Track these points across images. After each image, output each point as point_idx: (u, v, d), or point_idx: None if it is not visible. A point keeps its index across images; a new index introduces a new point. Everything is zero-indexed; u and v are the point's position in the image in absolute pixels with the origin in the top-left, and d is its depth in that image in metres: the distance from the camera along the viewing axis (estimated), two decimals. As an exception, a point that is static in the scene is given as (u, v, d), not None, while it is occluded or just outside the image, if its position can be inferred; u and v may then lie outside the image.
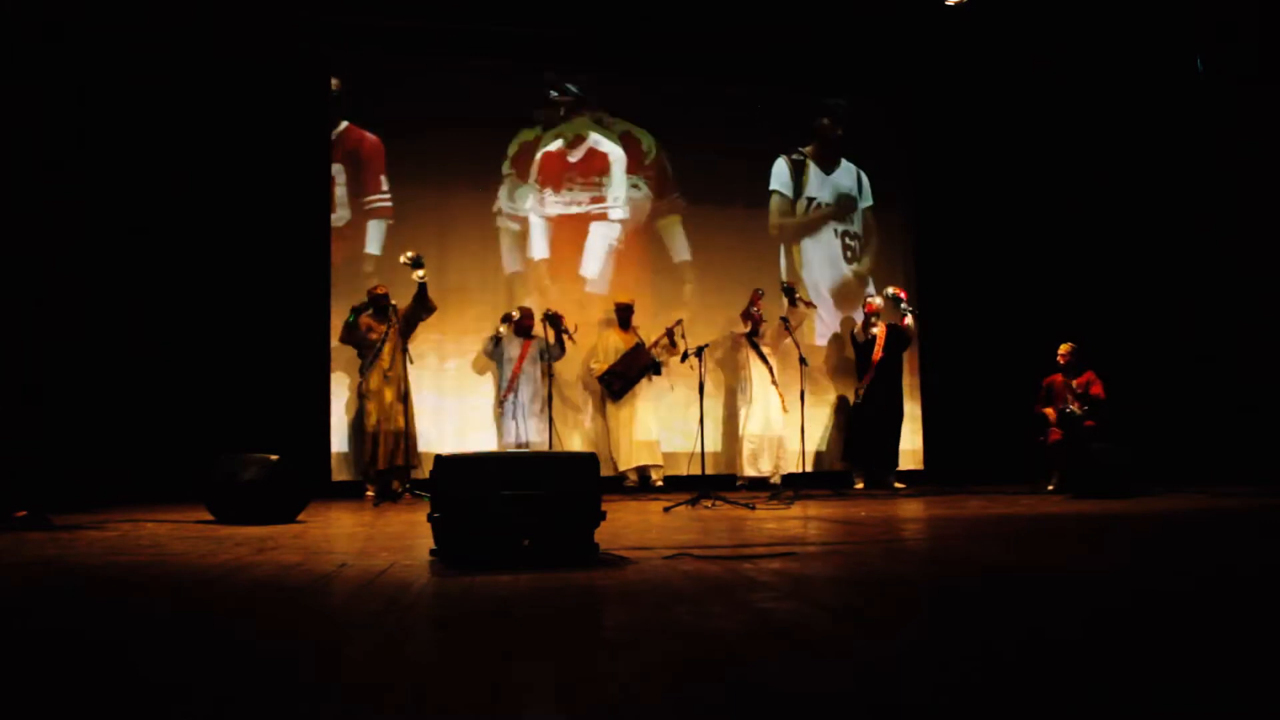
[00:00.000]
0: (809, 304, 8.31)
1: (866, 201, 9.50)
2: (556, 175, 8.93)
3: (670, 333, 8.27)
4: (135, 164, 7.73)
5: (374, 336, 7.61)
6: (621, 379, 8.30)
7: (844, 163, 9.51)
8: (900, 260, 9.57)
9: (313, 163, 8.32)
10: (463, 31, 8.45)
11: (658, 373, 8.40)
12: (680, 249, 9.10)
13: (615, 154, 9.06)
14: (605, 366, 8.34)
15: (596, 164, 9.04)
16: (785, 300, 8.31)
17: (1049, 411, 7.75)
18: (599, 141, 9.07)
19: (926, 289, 9.45)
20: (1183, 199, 8.52)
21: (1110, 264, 8.92)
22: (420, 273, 7.47)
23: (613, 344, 8.43)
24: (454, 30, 8.43)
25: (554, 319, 7.93)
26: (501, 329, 8.09)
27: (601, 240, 8.98)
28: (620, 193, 9.02)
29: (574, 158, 9.00)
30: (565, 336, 7.99)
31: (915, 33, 8.61)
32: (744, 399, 8.56)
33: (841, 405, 9.05)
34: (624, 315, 8.45)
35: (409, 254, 7.47)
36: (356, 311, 7.56)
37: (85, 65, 7.30)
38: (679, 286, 8.99)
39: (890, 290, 8.51)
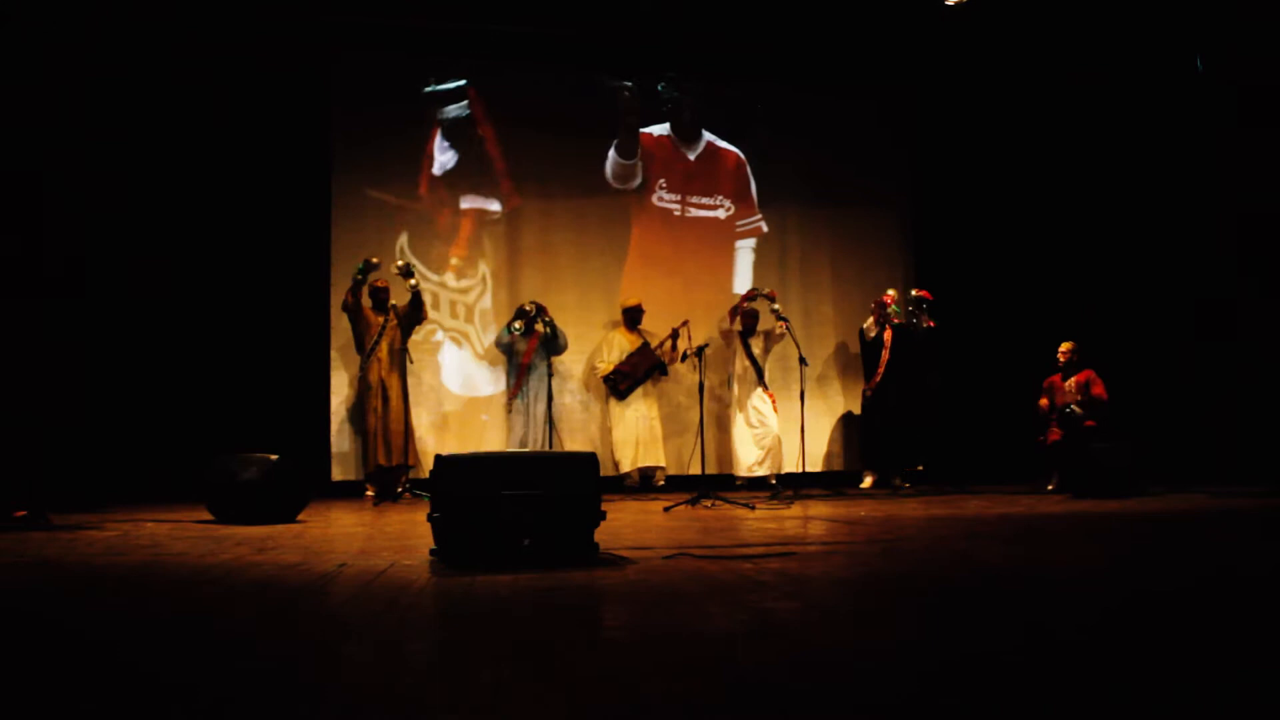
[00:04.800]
0: (782, 319, 8.13)
1: None
2: (673, 170, 9.02)
3: (675, 334, 8.26)
4: (134, 164, 7.72)
5: (372, 329, 7.59)
6: (629, 378, 8.30)
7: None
8: (900, 260, 9.57)
9: (313, 162, 8.30)
10: (463, 31, 8.44)
11: (664, 373, 8.40)
12: (676, 249, 9.11)
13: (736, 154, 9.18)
14: (611, 366, 8.33)
15: (718, 163, 9.13)
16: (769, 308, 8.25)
17: (1043, 402, 7.76)
18: (715, 140, 9.19)
19: (926, 289, 9.43)
20: (1183, 198, 8.52)
21: (1111, 263, 8.91)
22: (412, 281, 7.48)
23: (619, 345, 8.42)
24: (454, 30, 8.42)
25: (540, 310, 7.95)
26: (516, 324, 8.05)
27: (744, 248, 9.13)
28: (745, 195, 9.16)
29: (692, 155, 9.06)
30: (546, 322, 7.95)
31: (915, 32, 8.60)
32: (732, 398, 8.54)
33: (830, 404, 9.04)
34: (632, 317, 8.44)
35: (398, 263, 7.50)
36: (363, 269, 7.46)
37: (85, 65, 7.30)
38: (680, 289, 8.96)
39: (913, 292, 8.47)
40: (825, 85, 9.41)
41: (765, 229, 9.20)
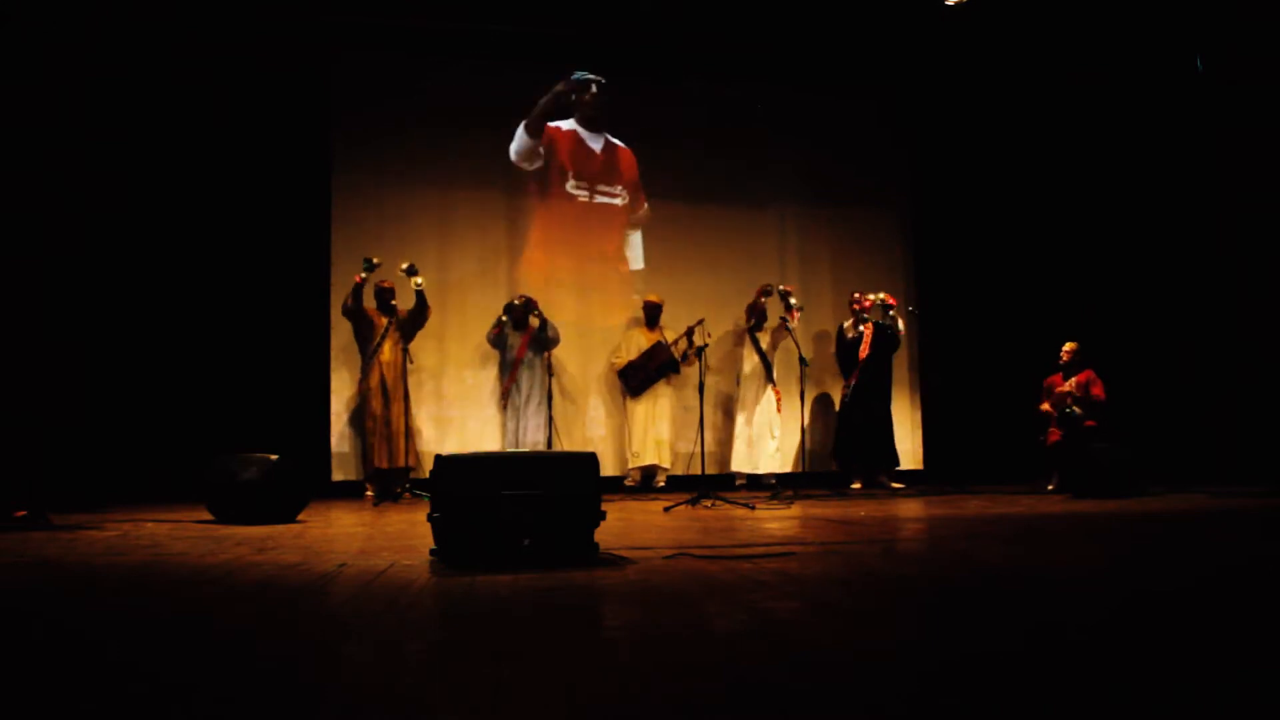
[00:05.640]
0: (791, 309, 8.19)
1: None
2: (579, 160, 9.00)
3: (691, 332, 8.26)
4: (134, 164, 7.73)
5: (375, 331, 7.59)
6: (639, 375, 8.31)
7: None
8: (900, 260, 9.57)
9: (312, 162, 8.31)
10: (463, 31, 8.44)
11: (676, 371, 8.40)
12: (677, 250, 9.10)
13: (630, 153, 9.17)
14: (624, 362, 8.36)
15: (619, 158, 9.11)
16: (781, 304, 8.26)
17: (1047, 407, 7.76)
18: (615, 137, 9.17)
19: (926, 289, 9.44)
20: (1183, 199, 8.52)
21: (1111, 264, 8.92)
22: (417, 279, 7.48)
23: (637, 341, 8.44)
24: (454, 30, 8.43)
25: (529, 303, 7.95)
26: (504, 318, 8.08)
27: (635, 237, 9.14)
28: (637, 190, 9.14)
29: (595, 146, 9.05)
30: (537, 315, 7.93)
31: (915, 32, 8.60)
32: (738, 394, 8.55)
33: (829, 403, 9.04)
34: (652, 314, 8.46)
35: (404, 264, 7.49)
36: (369, 266, 7.42)
37: (85, 65, 7.30)
38: (690, 286, 8.95)
39: (880, 296, 8.46)
40: (825, 85, 9.41)
41: (651, 216, 9.19)
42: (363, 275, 7.45)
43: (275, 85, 8.17)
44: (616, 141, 9.16)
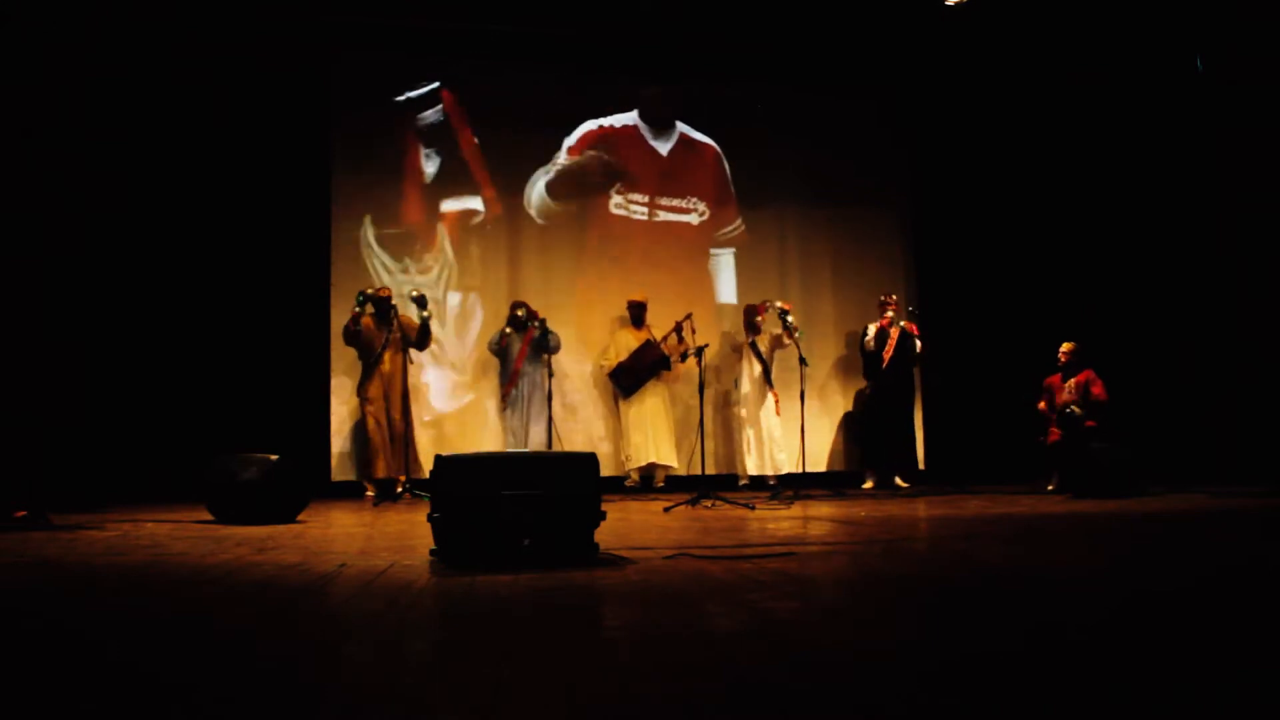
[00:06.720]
0: (791, 329, 8.09)
1: None
2: (641, 167, 8.88)
3: (679, 328, 8.24)
4: (135, 164, 7.72)
5: (375, 342, 7.58)
6: (630, 375, 8.29)
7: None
8: (900, 260, 9.56)
9: (312, 162, 8.31)
10: (463, 31, 8.44)
11: (667, 368, 8.39)
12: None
13: (714, 148, 8.94)
14: (614, 363, 8.34)
15: (694, 158, 9.01)
16: (780, 323, 8.20)
17: (1042, 405, 7.77)
18: (690, 132, 8.96)
19: (926, 289, 9.44)
20: (1183, 199, 8.51)
21: (1111, 264, 8.91)
22: (425, 313, 7.46)
23: (625, 342, 8.42)
24: (454, 30, 8.42)
25: (528, 315, 7.92)
26: (508, 330, 8.08)
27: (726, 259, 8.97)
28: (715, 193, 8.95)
29: (665, 149, 8.86)
30: (538, 324, 7.88)
31: (915, 32, 8.60)
32: (737, 397, 8.55)
33: (830, 404, 9.03)
34: (637, 313, 8.44)
35: (413, 293, 7.46)
36: (362, 300, 7.45)
37: (85, 65, 7.30)
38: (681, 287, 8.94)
39: (903, 324, 8.46)
40: (825, 85, 9.41)
41: (746, 236, 9.10)
42: (357, 309, 7.44)
43: (275, 85, 8.16)
44: (697, 136, 8.99)
